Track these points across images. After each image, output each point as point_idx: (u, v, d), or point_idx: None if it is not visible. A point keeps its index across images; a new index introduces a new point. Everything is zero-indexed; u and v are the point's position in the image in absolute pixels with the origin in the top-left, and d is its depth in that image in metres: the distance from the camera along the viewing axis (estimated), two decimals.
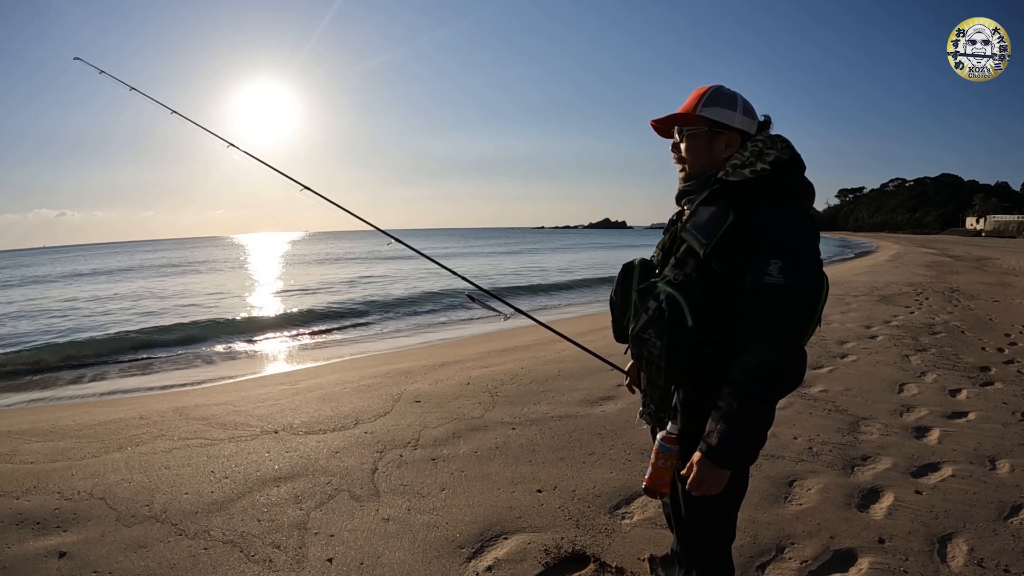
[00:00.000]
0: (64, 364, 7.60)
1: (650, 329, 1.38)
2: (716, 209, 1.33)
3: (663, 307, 1.35)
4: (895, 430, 3.33)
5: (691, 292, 1.34)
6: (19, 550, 2.29)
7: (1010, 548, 2.15)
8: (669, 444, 1.41)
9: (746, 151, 1.38)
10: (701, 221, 1.34)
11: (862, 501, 2.52)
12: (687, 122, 1.45)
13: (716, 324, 1.33)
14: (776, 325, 1.24)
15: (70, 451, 3.38)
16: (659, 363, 1.36)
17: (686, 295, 1.33)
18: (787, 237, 1.28)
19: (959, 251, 26.89)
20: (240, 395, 4.79)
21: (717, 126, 1.42)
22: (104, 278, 25.20)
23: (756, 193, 1.33)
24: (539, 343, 6.40)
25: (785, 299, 1.25)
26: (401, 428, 3.60)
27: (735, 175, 1.36)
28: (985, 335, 6.14)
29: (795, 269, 1.25)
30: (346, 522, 2.45)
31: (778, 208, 1.31)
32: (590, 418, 3.67)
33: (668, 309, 1.34)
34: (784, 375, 1.25)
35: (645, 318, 1.39)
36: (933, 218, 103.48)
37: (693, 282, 1.35)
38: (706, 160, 1.44)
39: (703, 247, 1.32)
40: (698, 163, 1.45)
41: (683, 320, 1.32)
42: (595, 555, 2.17)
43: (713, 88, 1.45)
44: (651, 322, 1.37)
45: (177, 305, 14.02)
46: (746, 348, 1.26)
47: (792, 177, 1.37)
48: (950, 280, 12.28)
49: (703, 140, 1.44)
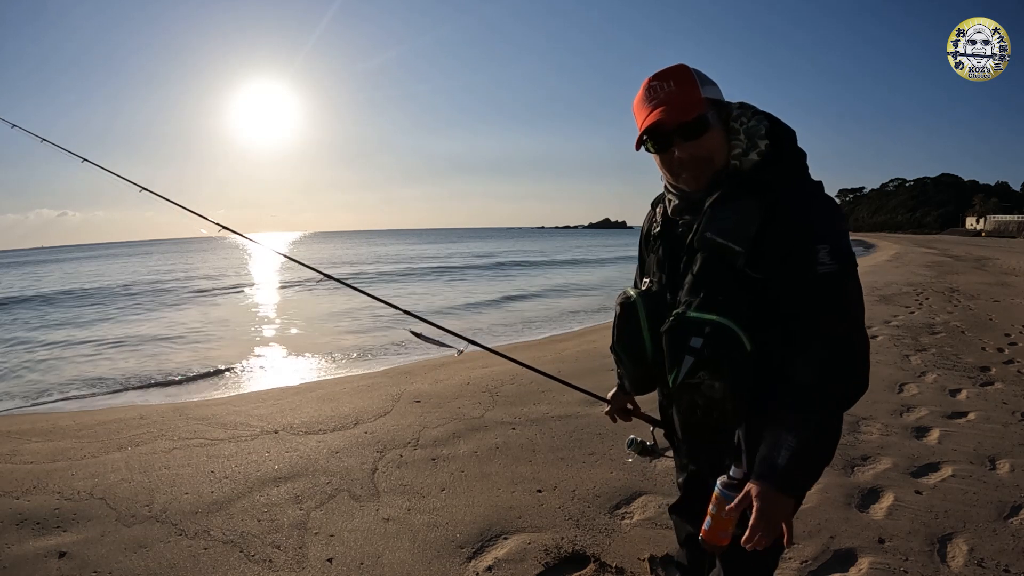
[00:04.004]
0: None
1: (701, 371, 1.13)
2: (739, 206, 1.13)
3: (714, 341, 1.12)
4: (895, 430, 3.33)
5: (737, 310, 1.12)
6: (19, 550, 2.29)
7: (1010, 548, 2.15)
8: (734, 493, 1.12)
9: (739, 134, 1.18)
10: (726, 223, 1.13)
11: (862, 501, 2.51)
12: (703, 110, 1.17)
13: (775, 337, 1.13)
14: (843, 318, 1.09)
15: (70, 451, 3.38)
16: (724, 406, 1.14)
17: (735, 317, 1.11)
18: (824, 216, 1.11)
19: (959, 251, 26.88)
20: (240, 395, 4.79)
21: (718, 106, 1.20)
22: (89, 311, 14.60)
23: (772, 176, 1.15)
24: (540, 343, 6.40)
25: (843, 285, 1.09)
26: (401, 428, 3.60)
27: (743, 164, 1.17)
28: (985, 335, 6.13)
29: (842, 249, 1.09)
30: (346, 522, 2.45)
31: (800, 186, 1.15)
32: (590, 418, 3.67)
33: (723, 341, 1.11)
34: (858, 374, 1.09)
35: (692, 360, 1.14)
36: (933, 218, 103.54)
37: (734, 298, 1.13)
38: (726, 149, 1.19)
39: (739, 255, 1.11)
40: (722, 155, 1.19)
41: (742, 348, 1.11)
42: (595, 555, 2.17)
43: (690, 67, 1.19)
44: (702, 363, 1.13)
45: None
46: (810, 347, 1.08)
47: (793, 150, 1.19)
48: (950, 280, 12.27)
49: (719, 126, 1.19)
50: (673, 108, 1.16)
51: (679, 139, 1.18)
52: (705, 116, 1.16)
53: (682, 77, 1.17)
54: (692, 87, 1.17)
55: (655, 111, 1.17)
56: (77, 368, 7.39)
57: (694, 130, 1.16)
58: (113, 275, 27.84)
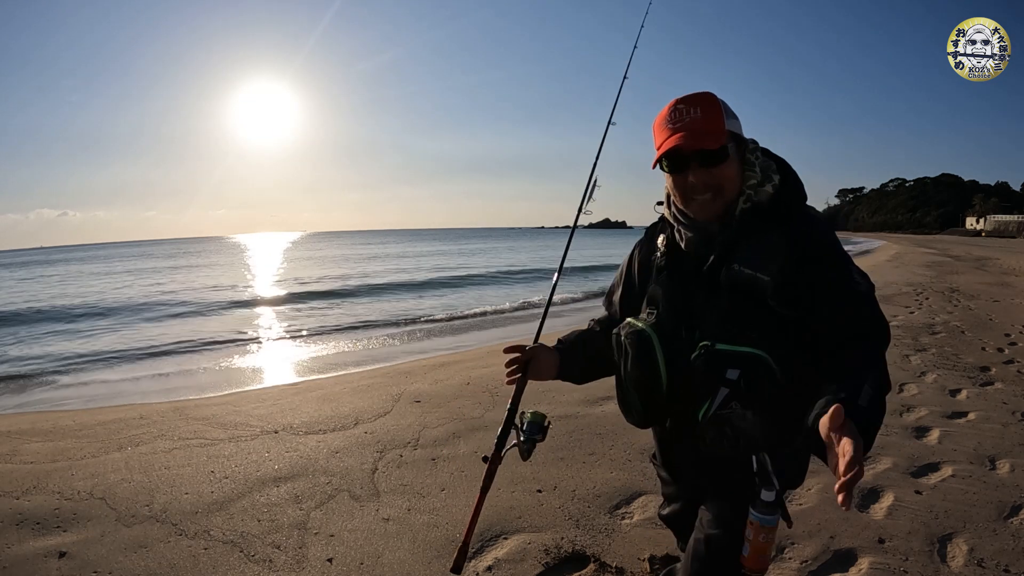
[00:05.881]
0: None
1: (733, 402, 1.16)
2: (767, 238, 1.17)
3: (749, 372, 1.14)
4: (895, 430, 3.33)
5: (768, 342, 1.14)
6: (19, 550, 2.29)
7: (1010, 548, 2.15)
8: (771, 515, 1.11)
9: (755, 167, 1.23)
10: (755, 255, 1.16)
11: (862, 501, 2.51)
12: (723, 141, 1.20)
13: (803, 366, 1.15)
14: (882, 328, 1.15)
15: (70, 451, 3.38)
16: (752, 434, 1.16)
17: (767, 348, 1.14)
18: (838, 243, 1.19)
19: (959, 251, 26.88)
20: (240, 395, 4.80)
21: (737, 140, 1.24)
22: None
23: (784, 207, 1.21)
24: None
25: (875, 304, 1.15)
26: (401, 428, 3.60)
27: (758, 195, 1.21)
28: (985, 335, 6.13)
29: (859, 270, 1.18)
30: (346, 522, 2.45)
31: (814, 216, 1.21)
32: (590, 418, 3.67)
33: (757, 372, 1.13)
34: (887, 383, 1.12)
35: (725, 392, 1.16)
36: (933, 218, 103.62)
37: (764, 330, 1.15)
38: (740, 182, 1.23)
39: (767, 284, 1.14)
40: (735, 188, 1.23)
41: (775, 379, 1.13)
42: (595, 555, 2.17)
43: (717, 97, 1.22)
44: (736, 395, 1.15)
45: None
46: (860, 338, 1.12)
47: (796, 181, 1.26)
48: (950, 280, 12.28)
49: (736, 159, 1.23)
50: (695, 134, 1.18)
51: (696, 164, 1.20)
52: (726, 147, 1.20)
53: (709, 105, 1.20)
54: (717, 117, 1.20)
55: (677, 134, 1.20)
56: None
57: (713, 158, 1.19)
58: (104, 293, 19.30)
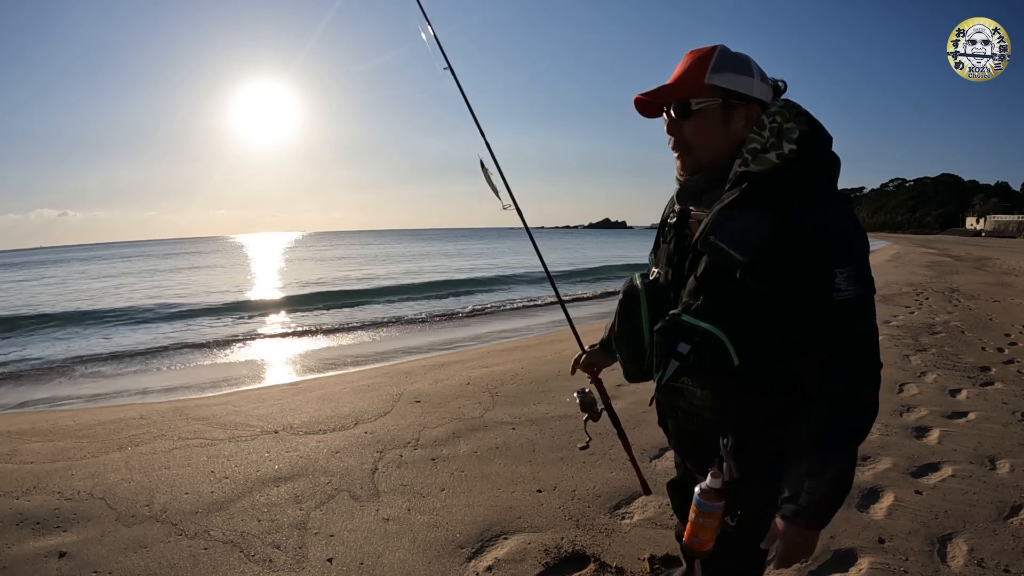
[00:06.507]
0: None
1: (684, 377, 1.13)
2: (751, 214, 1.05)
3: (701, 349, 1.08)
4: (895, 430, 3.33)
5: (731, 322, 1.07)
6: (19, 550, 2.29)
7: (1010, 548, 2.15)
8: (710, 501, 1.10)
9: (764, 129, 1.09)
10: (733, 231, 1.05)
11: (862, 501, 2.51)
12: (692, 95, 1.12)
13: (767, 353, 1.08)
14: (858, 349, 1.04)
15: (70, 451, 3.38)
16: (703, 415, 1.15)
17: (727, 328, 1.06)
18: (845, 237, 1.04)
19: (959, 251, 26.88)
20: (240, 395, 4.80)
21: (733, 97, 1.11)
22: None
23: (789, 183, 1.06)
24: (540, 343, 6.41)
25: (860, 313, 1.03)
26: (401, 428, 3.60)
27: (757, 162, 1.08)
28: (985, 335, 6.13)
29: (863, 274, 1.03)
30: (346, 522, 2.45)
31: (821, 201, 1.06)
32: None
33: (708, 351, 1.07)
34: (874, 406, 1.05)
35: (676, 365, 1.11)
36: (933, 218, 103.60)
37: (731, 309, 1.08)
38: (720, 143, 1.13)
39: (740, 265, 1.04)
40: (709, 148, 1.14)
41: (728, 360, 1.06)
42: (595, 555, 2.17)
43: (718, 49, 1.13)
44: (686, 369, 1.10)
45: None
46: (825, 381, 1.04)
47: (820, 155, 1.10)
48: (950, 280, 12.28)
49: (716, 117, 1.12)
50: (667, 86, 1.15)
51: (668, 117, 1.17)
52: (686, 102, 1.12)
53: (696, 59, 1.13)
54: (699, 70, 1.12)
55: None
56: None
57: (678, 112, 1.14)
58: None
